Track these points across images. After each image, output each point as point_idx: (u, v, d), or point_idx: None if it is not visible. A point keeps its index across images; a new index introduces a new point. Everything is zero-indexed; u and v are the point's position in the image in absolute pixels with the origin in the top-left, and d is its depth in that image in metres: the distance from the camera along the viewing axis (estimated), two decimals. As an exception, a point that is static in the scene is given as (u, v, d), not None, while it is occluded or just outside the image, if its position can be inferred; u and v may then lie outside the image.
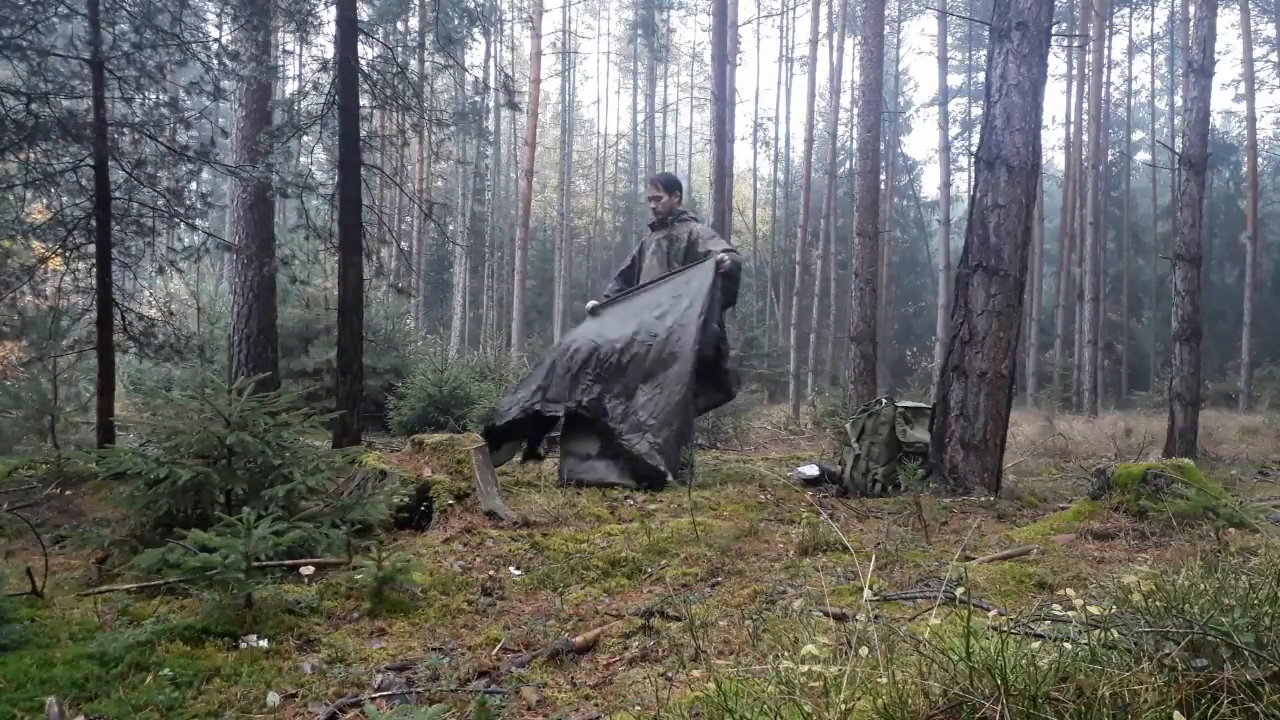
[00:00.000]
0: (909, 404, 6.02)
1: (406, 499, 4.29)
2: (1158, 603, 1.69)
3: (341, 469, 4.13)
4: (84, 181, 6.09)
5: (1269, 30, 29.61)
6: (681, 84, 41.98)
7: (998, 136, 5.53)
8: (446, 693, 2.28)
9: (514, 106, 11.06)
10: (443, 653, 2.62)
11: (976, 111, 31.13)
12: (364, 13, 11.19)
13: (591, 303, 6.84)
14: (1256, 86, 24.22)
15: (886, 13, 19.91)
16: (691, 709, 1.94)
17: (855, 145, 16.44)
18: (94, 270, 5.89)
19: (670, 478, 5.55)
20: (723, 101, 13.80)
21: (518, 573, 3.57)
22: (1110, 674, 1.47)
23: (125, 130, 6.08)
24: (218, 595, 2.83)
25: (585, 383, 6.03)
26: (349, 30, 6.36)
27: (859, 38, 15.91)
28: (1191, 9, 14.36)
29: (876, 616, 2.22)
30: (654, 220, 6.66)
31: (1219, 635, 1.49)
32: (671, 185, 6.65)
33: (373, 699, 2.25)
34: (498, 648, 2.65)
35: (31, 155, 5.90)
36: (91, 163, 5.81)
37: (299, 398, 4.53)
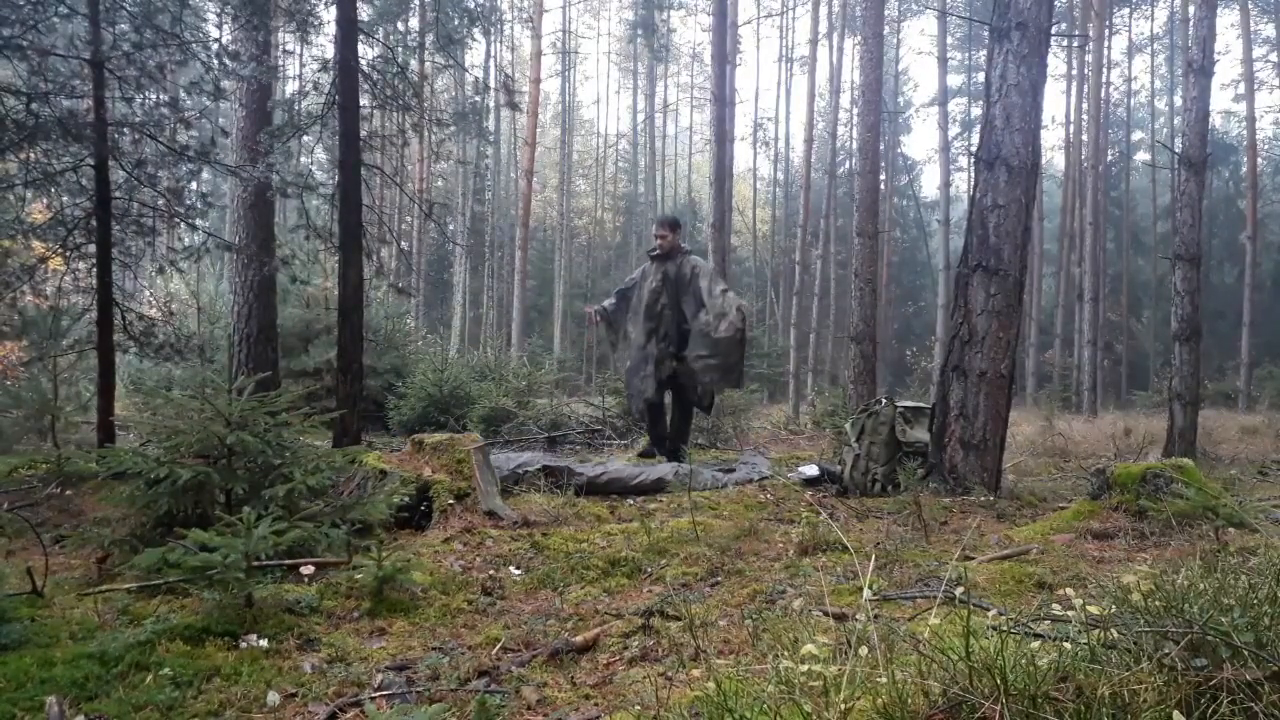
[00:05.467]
0: (909, 404, 6.02)
1: (406, 499, 4.29)
2: (1157, 602, 1.69)
3: (341, 469, 4.14)
4: (84, 181, 6.08)
5: (1269, 30, 29.60)
6: (681, 84, 41.95)
7: (997, 136, 5.54)
8: (446, 692, 2.28)
9: (514, 106, 11.09)
10: (443, 652, 2.62)
11: (976, 111, 31.11)
12: (364, 13, 11.19)
13: (599, 306, 7.38)
14: (1256, 86, 24.19)
15: (886, 13, 19.92)
16: (691, 708, 1.94)
17: (855, 145, 16.43)
18: (94, 270, 5.88)
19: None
20: (722, 102, 13.76)
21: (518, 572, 3.57)
22: (1110, 674, 1.47)
23: (125, 130, 6.08)
24: (218, 595, 2.83)
25: None
26: (349, 30, 6.37)
27: (859, 38, 15.89)
28: (1191, 9, 14.34)
29: (876, 616, 2.23)
30: (657, 253, 7.04)
31: (1218, 635, 1.49)
32: (676, 225, 7.22)
33: (373, 698, 2.25)
34: (498, 647, 2.66)
35: (32, 155, 5.89)
36: (92, 162, 5.81)
37: (299, 397, 4.54)
